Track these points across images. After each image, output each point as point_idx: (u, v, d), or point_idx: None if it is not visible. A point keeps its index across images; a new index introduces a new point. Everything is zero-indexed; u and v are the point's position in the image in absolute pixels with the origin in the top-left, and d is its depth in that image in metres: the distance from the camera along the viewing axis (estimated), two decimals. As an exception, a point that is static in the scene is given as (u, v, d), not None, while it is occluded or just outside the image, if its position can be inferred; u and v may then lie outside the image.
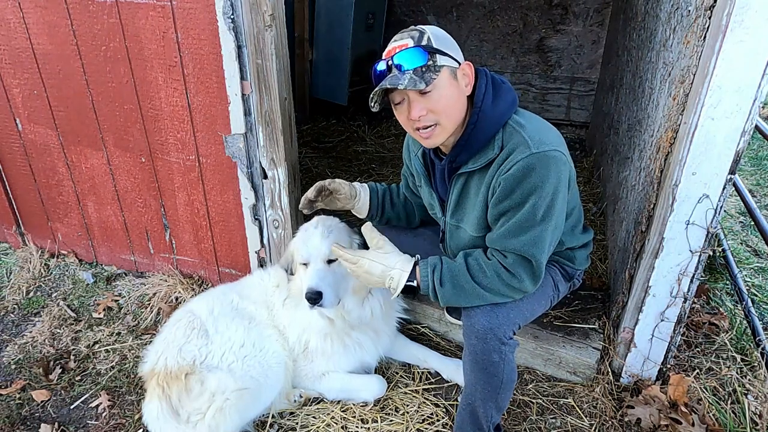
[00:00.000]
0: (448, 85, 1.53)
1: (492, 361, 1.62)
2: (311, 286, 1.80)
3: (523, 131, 1.54)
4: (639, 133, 2.34)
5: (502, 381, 1.65)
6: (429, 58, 1.49)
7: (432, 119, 1.56)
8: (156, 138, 2.48)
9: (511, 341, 1.65)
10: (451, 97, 1.55)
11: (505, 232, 1.57)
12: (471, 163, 1.63)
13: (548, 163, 1.50)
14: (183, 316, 2.08)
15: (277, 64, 2.05)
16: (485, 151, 1.60)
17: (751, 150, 4.69)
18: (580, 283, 2.03)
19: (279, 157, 2.24)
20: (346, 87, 4.84)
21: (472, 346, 1.65)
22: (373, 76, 1.58)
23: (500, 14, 4.81)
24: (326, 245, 1.88)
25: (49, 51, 2.46)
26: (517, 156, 1.51)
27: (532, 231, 1.54)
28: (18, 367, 2.38)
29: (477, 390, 1.69)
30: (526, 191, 1.51)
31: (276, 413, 2.04)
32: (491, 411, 1.71)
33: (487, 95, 1.59)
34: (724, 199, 1.68)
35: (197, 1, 2.06)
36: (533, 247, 1.55)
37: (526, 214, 1.53)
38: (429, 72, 1.49)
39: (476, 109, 1.58)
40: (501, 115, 1.58)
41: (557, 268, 1.89)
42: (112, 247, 2.98)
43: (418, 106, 1.53)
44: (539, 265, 1.58)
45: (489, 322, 1.61)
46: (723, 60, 1.50)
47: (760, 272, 2.95)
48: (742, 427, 1.89)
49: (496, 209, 1.58)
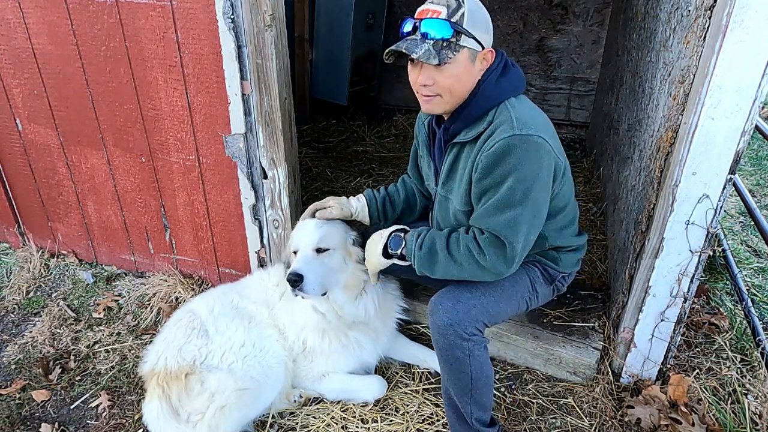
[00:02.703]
0: (462, 66, 1.56)
1: (456, 357, 1.63)
2: (293, 268, 1.83)
3: (512, 111, 1.57)
4: (639, 133, 2.34)
5: (471, 377, 1.65)
6: (453, 35, 1.51)
7: (434, 90, 1.59)
8: (156, 138, 2.48)
9: (474, 337, 1.63)
10: (461, 78, 1.57)
11: (484, 211, 1.60)
12: (463, 133, 1.67)
13: (528, 147, 1.51)
14: (183, 316, 2.08)
15: (277, 64, 2.05)
16: (477, 124, 1.63)
17: (751, 150, 4.69)
18: (565, 288, 1.97)
19: (279, 157, 2.24)
20: (346, 87, 4.84)
21: (435, 341, 1.68)
22: (400, 25, 1.61)
23: (500, 14, 4.80)
24: (317, 234, 1.91)
25: (49, 51, 2.46)
26: (500, 134, 1.54)
27: (508, 212, 1.55)
28: (18, 367, 2.38)
29: (450, 385, 1.72)
30: (504, 171, 1.53)
31: (276, 413, 2.04)
32: (469, 407, 1.71)
33: (495, 73, 1.62)
34: (724, 199, 1.68)
35: (197, 1, 2.06)
36: (508, 229, 1.55)
37: (503, 194, 1.55)
38: (447, 49, 1.52)
39: (480, 81, 1.61)
40: (501, 92, 1.61)
41: (538, 269, 1.85)
42: (112, 247, 2.98)
43: (427, 74, 1.57)
44: (513, 249, 1.57)
45: (449, 318, 1.63)
46: (723, 60, 1.50)
47: (760, 272, 2.95)
48: (742, 427, 1.89)
49: (478, 187, 1.61)
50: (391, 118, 5.21)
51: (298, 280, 1.79)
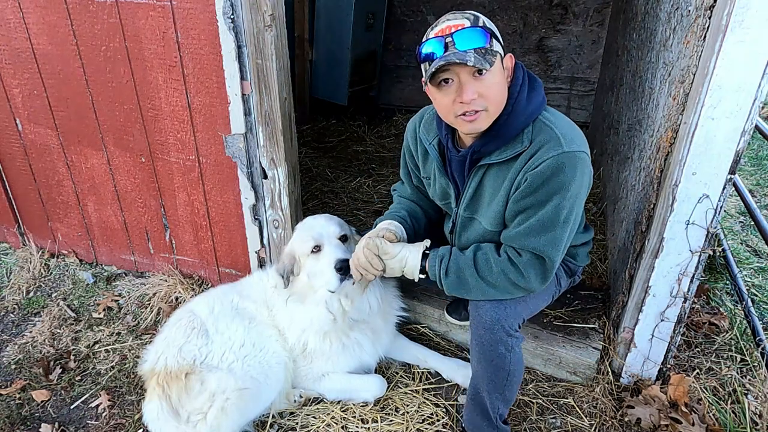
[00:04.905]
0: (499, 73, 1.48)
1: (498, 353, 1.64)
2: (339, 256, 1.82)
3: (554, 127, 1.52)
4: (639, 133, 2.34)
5: (508, 373, 1.67)
6: (489, 41, 1.43)
7: (481, 104, 1.47)
8: (156, 138, 2.48)
9: (517, 333, 1.67)
10: (500, 84, 1.49)
11: (524, 231, 1.55)
12: (496, 154, 1.58)
13: (576, 164, 1.48)
14: (183, 315, 2.08)
15: (277, 64, 2.05)
16: (513, 144, 1.55)
17: (751, 150, 4.69)
18: (580, 279, 2.05)
19: (279, 157, 2.23)
20: (346, 87, 4.84)
21: (479, 337, 1.67)
22: (421, 50, 1.48)
23: (500, 14, 4.80)
24: (336, 223, 1.94)
25: (49, 51, 2.46)
26: (548, 152, 1.48)
27: (553, 232, 1.52)
28: (18, 367, 2.38)
29: (483, 381, 1.72)
30: (551, 189, 1.49)
31: (276, 413, 2.04)
32: (498, 402, 1.73)
33: (523, 88, 1.55)
34: (724, 199, 1.68)
35: (197, 1, 2.06)
36: (551, 248, 1.54)
37: (549, 214, 1.51)
38: (489, 54, 1.42)
39: (511, 100, 1.54)
40: (534, 109, 1.55)
41: (561, 265, 1.90)
42: (112, 247, 2.97)
43: (471, 88, 1.44)
44: (552, 266, 1.57)
45: (497, 314, 1.63)
46: (723, 60, 1.50)
47: (760, 272, 2.94)
48: (742, 427, 1.89)
49: (517, 205, 1.56)
50: (391, 118, 5.21)
51: (348, 267, 1.78)
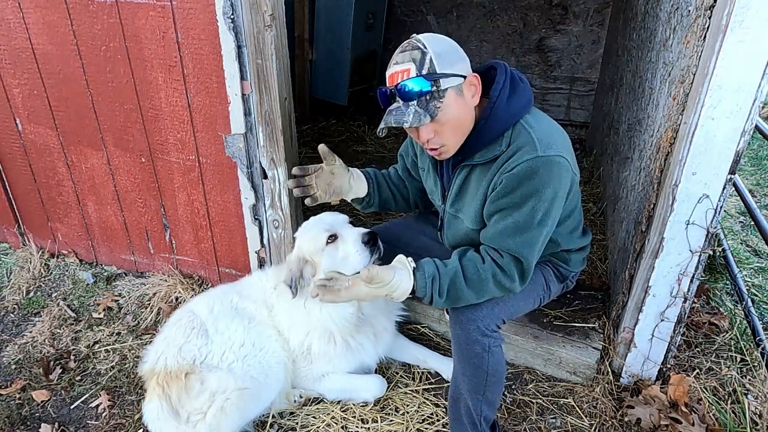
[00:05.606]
0: (453, 104, 1.51)
1: (475, 352, 1.64)
2: (362, 231, 1.83)
3: (532, 131, 1.53)
4: (639, 133, 2.34)
5: (487, 373, 1.67)
6: (432, 85, 1.47)
7: (438, 142, 1.57)
8: (156, 138, 2.48)
9: (494, 334, 1.67)
10: (458, 115, 1.53)
11: (501, 231, 1.58)
12: (477, 156, 1.63)
13: (551, 169, 1.50)
14: (183, 315, 2.07)
15: (277, 64, 2.05)
16: (492, 146, 1.59)
17: (751, 150, 4.69)
18: (573, 285, 2.04)
19: (279, 157, 2.23)
20: (346, 87, 4.83)
21: (456, 336, 1.69)
22: (378, 98, 1.60)
23: (500, 14, 4.80)
24: (340, 215, 1.96)
25: (49, 51, 2.46)
26: (523, 156, 1.50)
27: (528, 233, 1.55)
28: (18, 367, 2.38)
29: (463, 381, 1.72)
30: (526, 193, 1.51)
31: (276, 413, 2.04)
32: (479, 404, 1.72)
33: (503, 91, 1.57)
34: (724, 199, 1.68)
35: (197, 1, 2.06)
36: (526, 249, 1.57)
37: (524, 216, 1.53)
38: (433, 100, 1.49)
39: (490, 104, 1.56)
40: (515, 113, 1.57)
41: (551, 269, 1.90)
42: (112, 247, 2.97)
43: (425, 131, 1.55)
44: (529, 267, 1.60)
45: (472, 314, 1.64)
46: (723, 60, 1.50)
47: (760, 272, 2.95)
48: (742, 427, 1.89)
49: (494, 205, 1.59)
50: (391, 118, 5.20)
51: (376, 236, 1.80)
